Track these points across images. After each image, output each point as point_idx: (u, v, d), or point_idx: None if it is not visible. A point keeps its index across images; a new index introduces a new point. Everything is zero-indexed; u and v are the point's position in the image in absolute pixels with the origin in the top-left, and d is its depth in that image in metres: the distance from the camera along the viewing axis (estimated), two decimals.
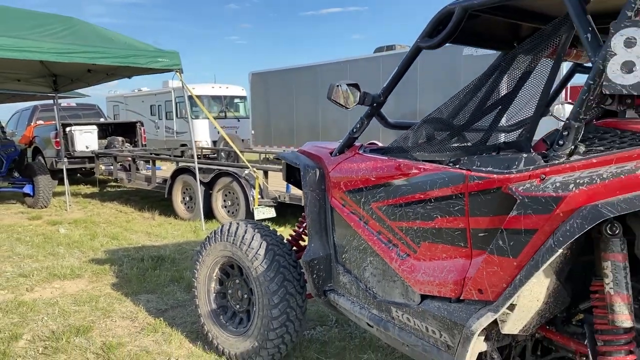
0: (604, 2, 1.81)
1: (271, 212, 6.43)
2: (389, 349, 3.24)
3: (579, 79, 2.81)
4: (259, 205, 6.48)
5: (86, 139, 10.93)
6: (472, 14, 2.09)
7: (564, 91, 4.09)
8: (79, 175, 12.59)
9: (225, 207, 7.25)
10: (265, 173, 6.77)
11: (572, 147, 1.64)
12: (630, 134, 1.57)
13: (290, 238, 3.31)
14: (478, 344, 1.87)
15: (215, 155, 11.93)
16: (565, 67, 2.79)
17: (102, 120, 13.57)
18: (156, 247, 5.88)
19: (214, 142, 16.78)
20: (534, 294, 1.72)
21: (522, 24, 2.31)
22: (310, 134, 14.33)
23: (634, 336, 1.69)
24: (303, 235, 3.28)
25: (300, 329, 2.96)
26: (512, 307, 1.73)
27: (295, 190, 6.25)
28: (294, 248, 3.23)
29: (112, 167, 9.76)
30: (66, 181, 9.12)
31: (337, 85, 2.40)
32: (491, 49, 2.51)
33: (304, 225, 3.27)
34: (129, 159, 9.35)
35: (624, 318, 1.57)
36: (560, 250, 1.53)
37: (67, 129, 10.69)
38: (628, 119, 1.65)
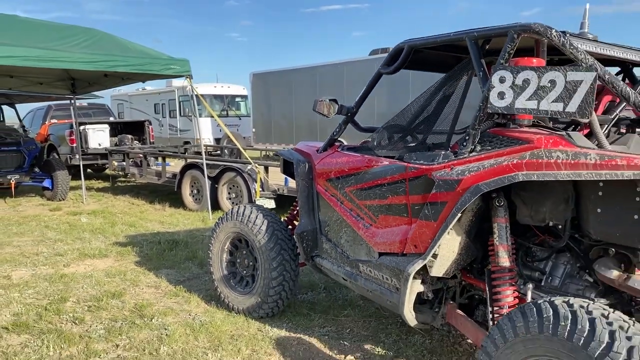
0: (498, 45, 2.60)
1: (271, 204, 7.22)
2: (364, 306, 4.05)
3: None
4: (260, 197, 7.28)
5: (99, 137, 11.73)
6: (417, 50, 2.89)
7: None
8: (89, 170, 13.39)
9: (230, 199, 8.05)
10: (266, 168, 7.59)
11: (472, 147, 2.43)
12: (507, 139, 2.34)
13: (286, 219, 4.11)
14: (415, 285, 2.67)
15: (219, 152, 12.71)
16: None
17: (111, 119, 14.36)
18: (170, 233, 6.70)
19: (216, 140, 17.59)
20: (449, 247, 2.52)
21: (457, 55, 3.11)
22: (309, 132, 15.10)
23: (515, 274, 2.49)
24: (296, 217, 4.08)
25: (294, 288, 3.77)
26: (435, 256, 2.53)
27: (292, 184, 7.05)
28: (289, 226, 4.02)
29: (124, 163, 10.57)
30: (82, 176, 9.93)
31: (321, 100, 3.21)
32: (437, 72, 3.30)
33: (296, 209, 4.06)
34: (141, 155, 10.14)
35: (504, 260, 2.37)
36: (460, 215, 2.33)
37: (81, 127, 11.46)
38: (509, 128, 2.43)
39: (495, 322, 2.47)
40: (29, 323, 3.75)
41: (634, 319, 1.88)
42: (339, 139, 3.46)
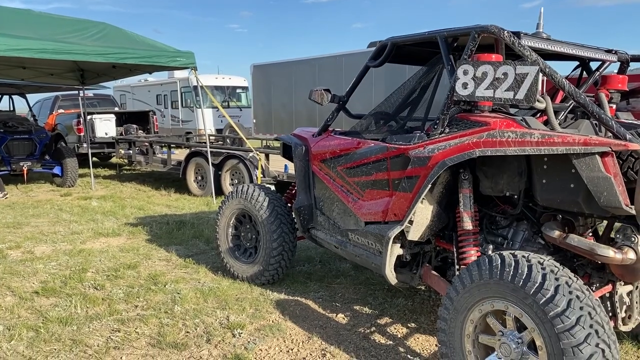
0: (464, 42, 3.03)
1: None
2: (355, 276, 4.51)
3: None
4: (261, 183, 7.72)
5: (106, 126, 12.16)
6: (399, 46, 3.32)
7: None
8: (94, 159, 13.80)
9: (233, 184, 8.49)
10: (267, 156, 8.03)
11: (442, 129, 2.87)
12: (470, 122, 2.77)
13: (285, 197, 4.56)
14: (395, 248, 3.12)
15: (221, 141, 13.14)
16: None
17: (116, 109, 14.78)
18: (177, 215, 7.15)
19: (217, 130, 18.01)
20: (423, 214, 2.96)
21: (432, 50, 3.54)
22: (309, 122, 15.47)
23: (478, 237, 2.93)
24: (294, 195, 4.52)
25: (292, 258, 4.23)
26: (411, 222, 2.97)
27: (292, 170, 7.48)
28: (288, 204, 4.47)
29: (130, 151, 11.01)
30: (90, 163, 10.39)
31: (316, 90, 3.65)
32: (419, 65, 3.73)
33: (294, 188, 4.51)
34: (147, 144, 10.58)
35: (467, 224, 2.82)
36: (430, 186, 2.78)
37: (88, 117, 11.89)
38: (473, 113, 2.87)
39: None
40: (55, 288, 4.21)
41: (564, 266, 2.33)
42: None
